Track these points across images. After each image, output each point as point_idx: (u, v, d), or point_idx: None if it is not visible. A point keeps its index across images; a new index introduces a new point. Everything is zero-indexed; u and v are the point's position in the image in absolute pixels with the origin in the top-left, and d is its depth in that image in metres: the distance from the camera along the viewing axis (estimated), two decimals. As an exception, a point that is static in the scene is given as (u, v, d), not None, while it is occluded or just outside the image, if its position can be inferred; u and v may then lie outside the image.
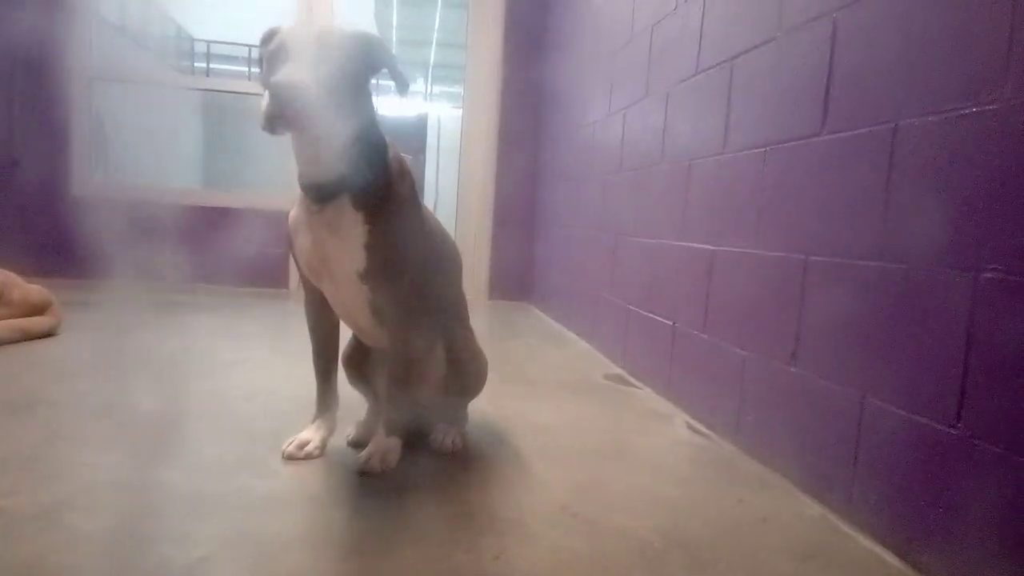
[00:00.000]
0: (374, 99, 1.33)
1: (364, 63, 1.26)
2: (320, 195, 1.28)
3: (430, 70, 9.00)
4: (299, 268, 1.42)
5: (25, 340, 2.29)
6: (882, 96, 1.23)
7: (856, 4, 1.30)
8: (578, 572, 1.03)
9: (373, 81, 1.32)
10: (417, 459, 1.46)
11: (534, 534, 1.14)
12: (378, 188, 1.30)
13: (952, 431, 1.05)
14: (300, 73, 1.13)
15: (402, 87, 1.31)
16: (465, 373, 1.56)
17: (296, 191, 1.35)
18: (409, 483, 1.33)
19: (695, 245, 1.92)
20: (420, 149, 7.14)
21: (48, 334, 2.39)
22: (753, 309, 1.62)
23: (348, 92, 1.21)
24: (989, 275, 1.00)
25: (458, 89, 4.51)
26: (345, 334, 1.54)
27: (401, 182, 1.35)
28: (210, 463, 1.36)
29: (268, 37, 1.26)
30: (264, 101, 1.13)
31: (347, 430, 1.55)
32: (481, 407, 1.80)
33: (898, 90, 1.19)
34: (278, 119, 1.13)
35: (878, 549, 1.16)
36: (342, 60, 1.19)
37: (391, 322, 1.38)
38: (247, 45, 7.37)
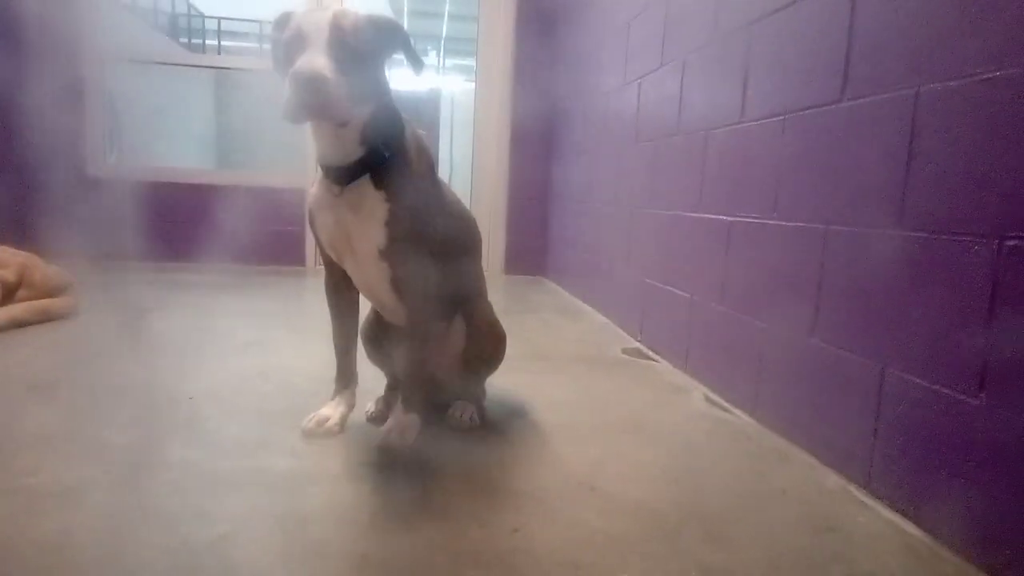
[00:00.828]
0: (388, 76, 1.32)
1: (380, 46, 1.25)
2: (341, 177, 1.29)
3: (442, 43, 8.91)
4: (320, 246, 1.42)
5: (46, 321, 2.31)
6: (903, 61, 1.19)
7: (877, -35, 1.26)
8: (595, 546, 1.04)
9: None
10: (435, 435, 1.46)
11: (552, 509, 1.15)
12: (397, 166, 1.30)
13: (975, 401, 1.03)
14: (319, 62, 1.12)
15: (417, 68, 1.31)
16: (483, 347, 1.56)
17: (315, 170, 1.35)
18: (427, 459, 1.34)
19: (712, 216, 1.90)
20: (433, 124, 7.10)
21: (67, 315, 2.42)
22: (771, 280, 1.60)
23: (366, 77, 1.21)
24: (1012, 242, 0.98)
25: (471, 62, 4.45)
26: (364, 310, 1.54)
27: (419, 160, 1.35)
28: (229, 442, 1.37)
29: (282, 22, 1.25)
30: (285, 91, 1.13)
31: (367, 406, 1.56)
32: (498, 382, 1.80)
33: (919, 55, 1.15)
34: (301, 109, 1.13)
35: (899, 521, 1.15)
36: (359, 45, 1.18)
37: (410, 297, 1.38)
38: (258, 21, 7.33)
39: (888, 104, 1.22)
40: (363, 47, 1.19)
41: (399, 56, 1.31)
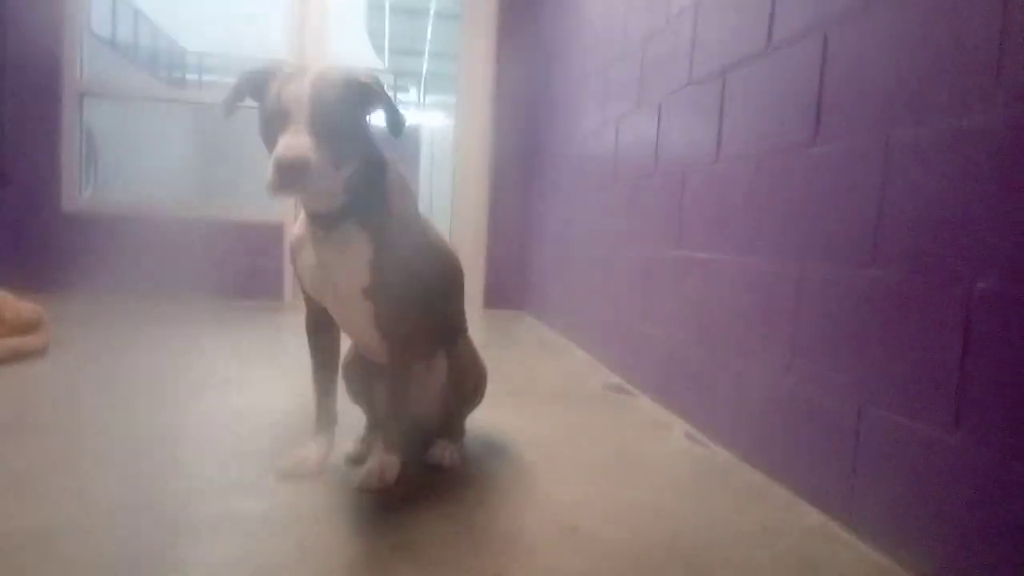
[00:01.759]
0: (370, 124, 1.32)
1: (363, 107, 1.26)
2: (326, 223, 1.29)
3: (423, 79, 9.02)
4: (302, 286, 1.41)
5: (17, 359, 2.27)
6: (874, 108, 1.23)
7: (847, 19, 1.31)
8: (579, 589, 1.03)
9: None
10: (415, 475, 1.45)
11: (534, 551, 1.14)
12: (381, 207, 1.31)
13: (951, 438, 1.05)
14: (301, 145, 1.13)
15: (396, 130, 1.30)
16: (465, 384, 1.55)
17: (294, 209, 1.36)
18: (406, 500, 1.32)
19: (690, 254, 1.92)
20: (413, 159, 7.15)
21: (39, 353, 2.38)
22: (749, 318, 1.62)
23: (350, 138, 1.23)
24: (983, 285, 1.00)
25: (451, 98, 4.52)
26: (344, 349, 1.53)
27: (402, 199, 1.36)
28: (205, 484, 1.35)
29: (258, 80, 1.24)
30: (268, 169, 1.14)
31: (347, 446, 1.54)
32: (479, 418, 1.79)
33: (890, 103, 1.19)
34: (284, 189, 1.14)
35: (880, 558, 1.16)
36: (341, 111, 1.19)
37: (394, 336, 1.38)
38: (239, 57, 7.37)
39: (859, 148, 1.26)
40: (346, 112, 1.20)
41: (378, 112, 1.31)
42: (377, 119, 1.30)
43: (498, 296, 4.26)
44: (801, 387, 1.41)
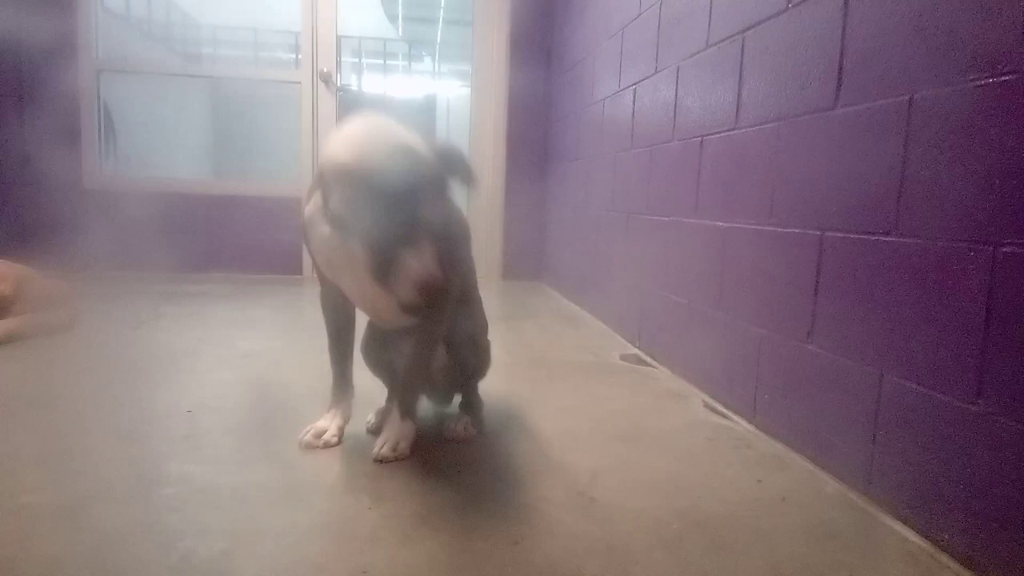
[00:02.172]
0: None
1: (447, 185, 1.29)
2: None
3: (437, 48, 8.92)
4: (315, 263, 1.41)
5: (43, 334, 2.31)
6: (897, 68, 1.20)
7: (869, -28, 1.27)
8: (597, 557, 1.04)
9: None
10: (434, 446, 1.46)
11: (553, 520, 1.15)
12: None
13: (972, 407, 1.03)
14: (429, 264, 1.18)
15: (473, 185, 1.33)
16: (467, 358, 1.56)
17: (309, 181, 1.33)
18: (426, 470, 1.34)
19: (708, 222, 1.90)
20: (430, 130, 7.11)
21: (65, 328, 2.42)
22: (768, 287, 1.60)
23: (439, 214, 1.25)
24: (1007, 249, 0.98)
25: (466, 67, 4.47)
26: (361, 322, 1.54)
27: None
28: (228, 455, 1.37)
29: (348, 173, 1.18)
30: (404, 285, 1.20)
31: (368, 417, 1.56)
32: (497, 390, 1.80)
33: (913, 61, 1.16)
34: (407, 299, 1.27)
35: (898, 527, 1.15)
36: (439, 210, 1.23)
37: (415, 311, 1.37)
38: (252, 29, 7.34)
39: (882, 111, 1.23)
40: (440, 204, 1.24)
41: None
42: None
43: (516, 267, 4.24)
44: (821, 356, 1.40)
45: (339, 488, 1.24)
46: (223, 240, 3.91)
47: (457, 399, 1.62)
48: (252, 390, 1.80)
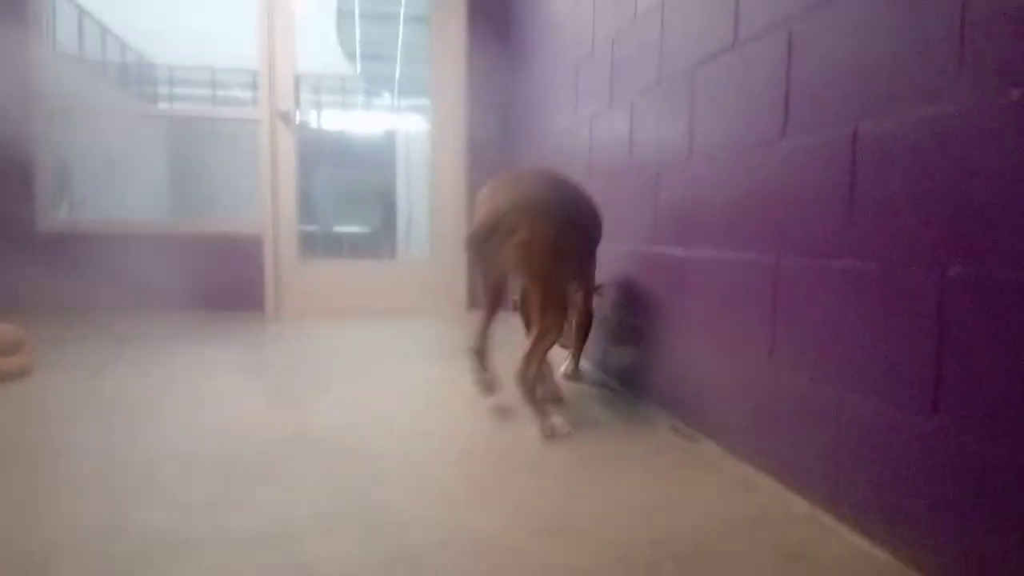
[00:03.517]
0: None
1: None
2: None
3: (396, 83, 8.99)
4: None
5: (0, 382, 2.24)
6: (841, 100, 1.25)
7: (809, 13, 1.33)
8: (571, 589, 1.04)
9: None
10: (399, 485, 1.45)
11: (523, 551, 1.14)
12: None
13: (930, 423, 1.07)
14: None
15: None
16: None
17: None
18: (391, 509, 1.32)
19: (667, 250, 1.94)
20: (390, 165, 7.13)
21: (22, 374, 2.35)
22: (727, 311, 1.64)
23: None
24: (954, 271, 1.02)
25: (425, 101, 4.52)
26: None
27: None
28: (192, 503, 1.34)
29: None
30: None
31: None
32: (461, 417, 1.80)
33: (856, 94, 1.22)
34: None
35: (867, 545, 1.18)
36: None
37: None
38: (210, 68, 7.31)
39: (828, 141, 1.28)
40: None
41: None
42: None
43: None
44: (783, 377, 1.43)
45: (305, 532, 1.22)
46: (183, 279, 3.85)
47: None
48: (214, 434, 1.77)
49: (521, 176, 1.82)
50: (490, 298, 1.98)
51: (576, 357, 2.34)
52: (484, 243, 1.73)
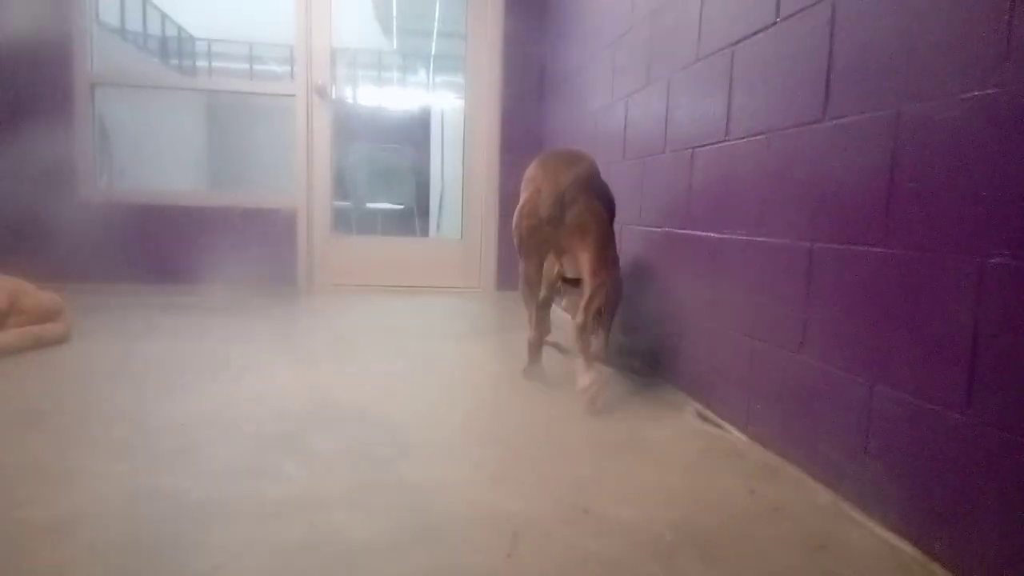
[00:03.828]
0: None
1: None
2: None
3: (431, 60, 8.96)
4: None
5: (38, 348, 2.31)
6: (884, 81, 1.21)
7: (855, -13, 1.29)
8: (590, 570, 1.04)
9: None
10: (424, 461, 1.47)
11: (545, 532, 1.15)
12: None
13: (962, 417, 1.04)
14: None
15: None
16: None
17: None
18: (416, 484, 1.34)
19: (699, 233, 1.91)
20: (424, 142, 7.12)
21: (60, 341, 2.41)
22: (760, 297, 1.61)
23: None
24: (996, 260, 0.99)
25: (460, 79, 4.49)
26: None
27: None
28: (222, 469, 1.37)
29: None
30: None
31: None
32: (489, 398, 1.81)
33: (900, 75, 1.18)
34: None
35: (891, 537, 1.16)
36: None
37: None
38: (248, 42, 7.36)
39: (870, 123, 1.24)
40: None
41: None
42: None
43: (511, 278, 4.24)
44: (813, 366, 1.41)
45: (332, 502, 1.24)
46: (218, 252, 3.90)
47: None
48: (248, 403, 1.80)
49: (567, 155, 2.03)
50: (538, 287, 2.11)
51: (606, 336, 2.32)
52: (551, 219, 1.88)
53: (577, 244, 1.92)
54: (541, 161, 2.02)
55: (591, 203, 1.90)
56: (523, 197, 1.99)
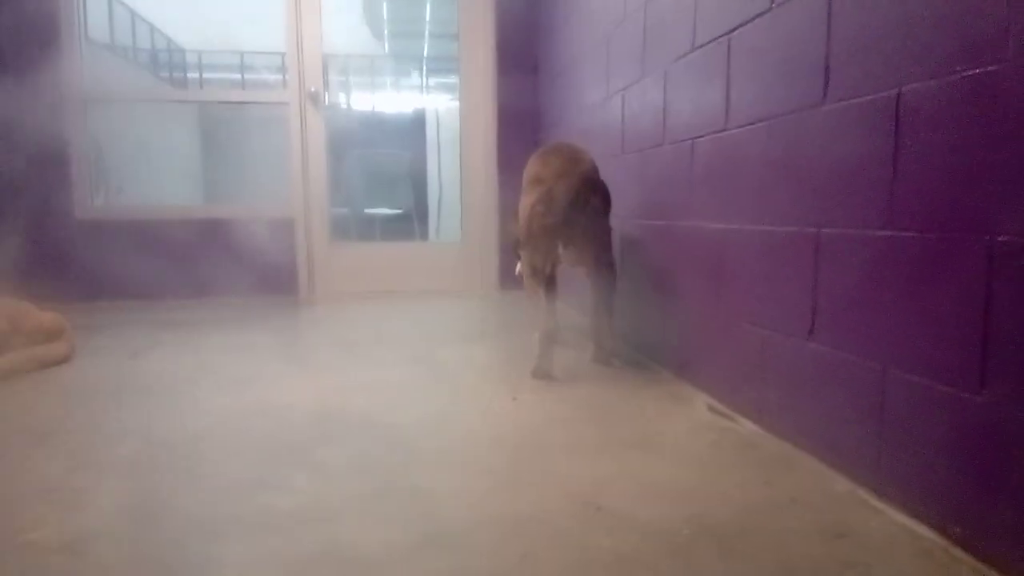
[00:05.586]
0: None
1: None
2: None
3: (424, 62, 8.94)
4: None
5: (41, 368, 2.29)
6: (883, 62, 1.19)
7: (851, -32, 1.27)
8: (606, 569, 1.02)
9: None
10: (432, 467, 1.45)
11: (559, 532, 1.13)
12: None
13: (978, 399, 1.02)
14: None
15: None
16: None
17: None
18: (428, 488, 1.32)
19: (704, 225, 1.89)
20: (419, 144, 7.10)
21: (63, 360, 2.40)
22: (767, 286, 1.60)
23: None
24: (1003, 238, 0.97)
25: (454, 79, 4.48)
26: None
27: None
28: (231, 483, 1.36)
29: None
30: None
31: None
32: (497, 398, 1.79)
33: (899, 55, 1.16)
34: None
35: (910, 523, 1.14)
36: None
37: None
38: (238, 52, 7.34)
39: (871, 105, 1.23)
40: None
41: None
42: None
43: (513, 278, 4.23)
44: (824, 353, 1.39)
45: (341, 512, 1.22)
46: (217, 265, 3.89)
47: None
48: (252, 415, 1.79)
49: (569, 152, 2.15)
50: (550, 282, 2.12)
51: (610, 323, 2.30)
52: (567, 219, 1.98)
53: (586, 239, 2.06)
54: (544, 159, 2.08)
55: (598, 201, 2.06)
56: (531, 196, 1.99)
